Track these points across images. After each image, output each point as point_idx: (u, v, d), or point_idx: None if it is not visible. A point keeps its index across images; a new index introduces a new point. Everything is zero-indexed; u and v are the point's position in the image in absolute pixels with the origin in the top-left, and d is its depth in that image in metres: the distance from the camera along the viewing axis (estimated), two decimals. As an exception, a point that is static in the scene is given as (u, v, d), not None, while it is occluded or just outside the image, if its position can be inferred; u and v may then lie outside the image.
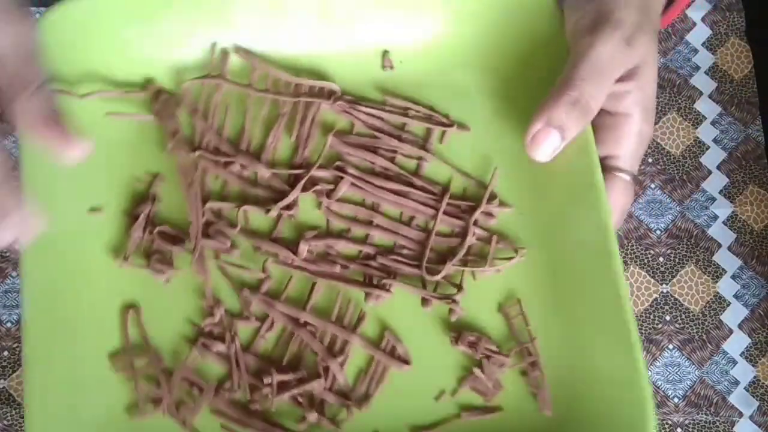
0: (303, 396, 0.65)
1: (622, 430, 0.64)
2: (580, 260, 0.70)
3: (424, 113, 0.77)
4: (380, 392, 0.67)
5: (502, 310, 0.70)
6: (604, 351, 0.66)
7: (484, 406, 0.67)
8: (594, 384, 0.67)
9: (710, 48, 0.92)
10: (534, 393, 0.68)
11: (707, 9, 0.94)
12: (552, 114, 0.68)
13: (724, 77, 0.91)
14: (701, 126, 0.90)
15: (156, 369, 0.67)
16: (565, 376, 0.68)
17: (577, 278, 0.70)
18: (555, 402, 0.67)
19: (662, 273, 0.85)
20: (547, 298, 0.71)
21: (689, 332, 0.84)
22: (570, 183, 0.71)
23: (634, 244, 0.86)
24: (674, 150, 0.89)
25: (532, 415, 0.67)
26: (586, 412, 0.66)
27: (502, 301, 0.71)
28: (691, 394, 0.82)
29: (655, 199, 0.87)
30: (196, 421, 0.65)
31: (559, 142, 0.69)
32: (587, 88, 0.68)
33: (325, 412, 0.65)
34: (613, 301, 0.66)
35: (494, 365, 0.67)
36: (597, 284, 0.68)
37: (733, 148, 0.89)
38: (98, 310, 0.68)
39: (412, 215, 0.74)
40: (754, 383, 0.83)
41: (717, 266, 0.86)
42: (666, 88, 0.91)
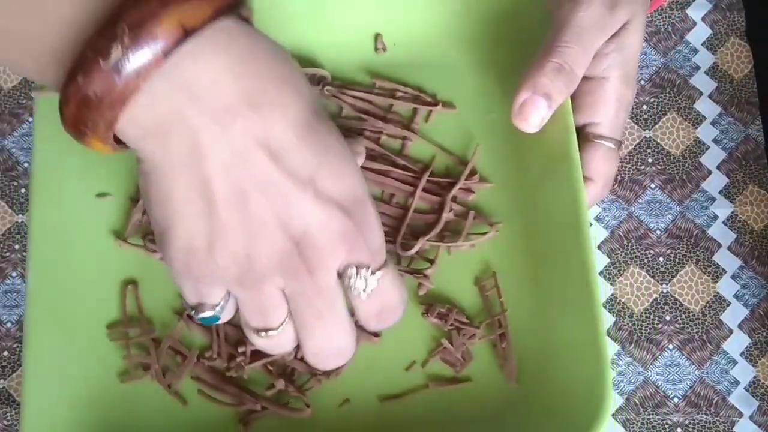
0: (273, 365, 0.68)
1: (581, 403, 0.65)
2: (552, 234, 0.71)
3: (411, 94, 0.78)
4: (350, 364, 0.67)
5: (478, 283, 0.71)
6: (569, 326, 0.68)
7: (453, 377, 0.69)
8: (559, 357, 0.68)
9: (710, 48, 0.92)
10: (501, 364, 0.69)
11: (707, 9, 0.94)
12: (538, 81, 0.68)
13: (724, 77, 0.91)
14: (701, 126, 0.90)
15: (147, 338, 0.72)
16: (533, 349, 0.69)
17: (550, 252, 0.71)
18: (521, 373, 0.69)
19: (662, 273, 0.85)
20: (522, 271, 0.72)
21: (689, 332, 0.84)
22: (546, 155, 0.72)
23: (634, 244, 0.86)
24: (674, 150, 0.89)
25: (499, 386, 0.69)
26: (549, 384, 0.68)
27: (478, 274, 0.72)
28: (691, 394, 0.82)
29: (655, 199, 0.87)
30: (180, 385, 0.70)
31: (546, 110, 0.69)
32: (570, 53, 0.68)
33: (294, 381, 0.68)
34: (581, 277, 0.67)
35: (464, 336, 0.68)
36: (567, 259, 0.69)
37: (733, 148, 0.89)
38: (99, 285, 0.73)
39: (393, 193, 0.74)
40: (754, 383, 0.83)
41: (717, 266, 0.86)
42: (666, 88, 0.91)
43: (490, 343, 0.70)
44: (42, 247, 0.72)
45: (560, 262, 0.70)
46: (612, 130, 0.73)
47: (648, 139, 0.89)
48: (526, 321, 0.70)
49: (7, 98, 0.91)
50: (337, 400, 0.69)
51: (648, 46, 0.92)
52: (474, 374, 0.69)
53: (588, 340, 0.65)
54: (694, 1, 0.94)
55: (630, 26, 0.72)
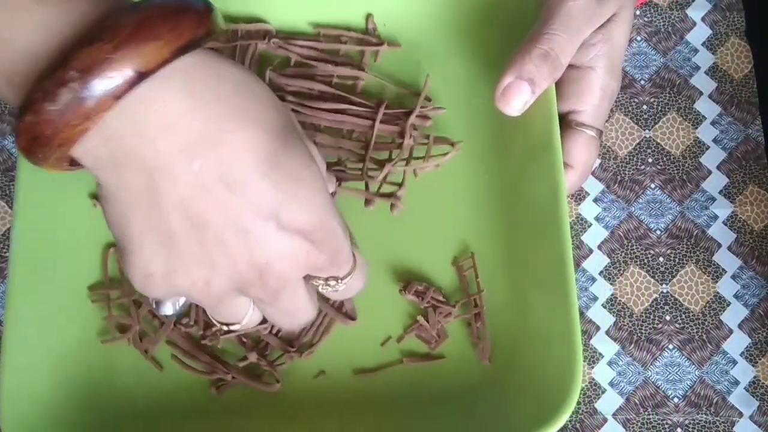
0: (248, 337, 0.69)
1: (552, 384, 0.66)
2: (531, 218, 0.72)
3: (356, 38, 0.79)
4: (325, 341, 0.70)
5: (456, 263, 0.72)
6: (544, 308, 0.69)
7: (427, 354, 0.70)
8: (532, 339, 0.69)
9: (710, 48, 0.92)
10: (474, 343, 0.70)
11: (707, 9, 0.94)
12: (523, 67, 0.69)
13: (724, 77, 0.91)
14: (701, 126, 0.90)
15: (128, 300, 0.72)
16: (507, 329, 0.70)
17: (528, 236, 0.71)
18: (494, 353, 0.70)
19: (662, 273, 0.85)
20: (500, 253, 0.73)
21: (689, 332, 0.84)
22: (530, 141, 0.72)
23: (634, 244, 0.86)
24: (674, 150, 0.89)
25: (472, 364, 0.70)
26: (522, 365, 0.69)
27: (457, 254, 0.72)
28: (691, 394, 0.82)
29: (655, 199, 0.87)
30: (156, 350, 0.71)
31: (529, 95, 0.69)
32: (558, 41, 0.69)
33: (267, 355, 0.69)
34: (557, 262, 0.68)
35: (440, 315, 0.69)
36: (544, 244, 0.70)
37: (733, 148, 0.89)
38: (82, 247, 0.74)
39: (352, 129, 0.75)
40: (754, 383, 0.83)
41: (717, 266, 0.86)
42: (666, 88, 0.91)
43: (465, 322, 0.71)
44: (26, 209, 0.72)
45: (538, 246, 0.70)
46: (594, 118, 0.74)
47: (648, 139, 0.89)
48: (502, 302, 0.71)
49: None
50: (312, 372, 0.70)
51: (648, 46, 0.92)
52: (448, 352, 0.70)
53: (561, 323, 0.66)
54: (694, 1, 0.94)
55: (617, 18, 0.73)
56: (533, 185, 0.72)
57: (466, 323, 0.71)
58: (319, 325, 0.70)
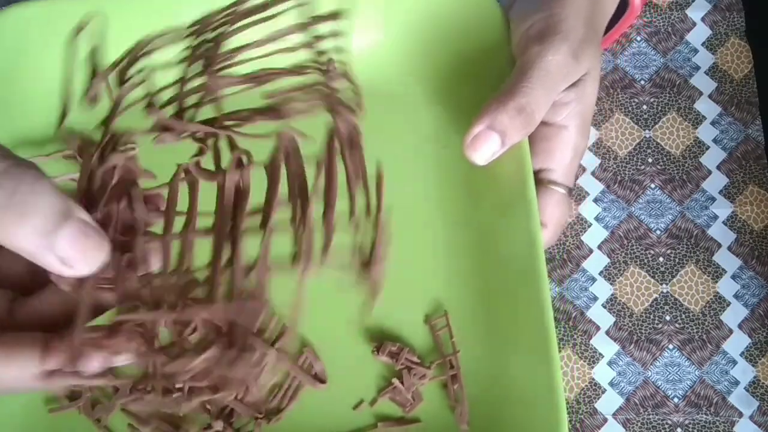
0: (213, 404, 0.64)
1: None
2: (507, 274, 0.69)
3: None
4: (296, 402, 0.66)
5: (428, 321, 0.69)
6: (524, 368, 0.66)
7: (402, 417, 0.67)
8: (512, 401, 0.66)
9: (710, 48, 0.92)
10: (452, 406, 0.67)
11: (707, 9, 0.94)
12: (496, 118, 0.67)
13: (724, 77, 0.91)
14: (701, 126, 0.90)
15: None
16: (485, 391, 0.67)
17: (504, 293, 0.69)
18: (472, 416, 0.67)
19: (662, 273, 0.85)
20: (475, 311, 0.70)
21: (689, 332, 0.84)
22: (503, 194, 0.70)
23: (634, 244, 0.86)
24: (674, 150, 0.89)
25: (450, 429, 0.67)
26: (502, 428, 0.66)
27: (429, 312, 0.70)
28: (691, 394, 0.82)
29: (655, 199, 0.87)
30: (109, 420, 0.65)
31: (498, 146, 0.68)
32: (534, 96, 0.68)
33: (233, 423, 0.65)
34: (537, 319, 0.65)
35: (415, 377, 0.67)
36: (522, 301, 0.67)
37: (733, 148, 0.89)
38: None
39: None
40: (754, 383, 0.83)
41: (717, 266, 0.86)
42: (666, 88, 0.91)
43: (441, 383, 0.69)
44: None
45: (515, 302, 0.68)
46: (565, 177, 0.73)
47: (648, 139, 0.89)
48: (479, 362, 0.68)
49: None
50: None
51: (648, 46, 0.92)
52: (424, 416, 0.68)
53: (543, 384, 0.64)
54: (694, 2, 0.94)
55: (588, 76, 0.72)
56: (508, 241, 0.70)
57: (442, 384, 0.69)
58: (287, 389, 0.67)
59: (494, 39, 0.73)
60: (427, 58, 0.77)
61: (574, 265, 0.86)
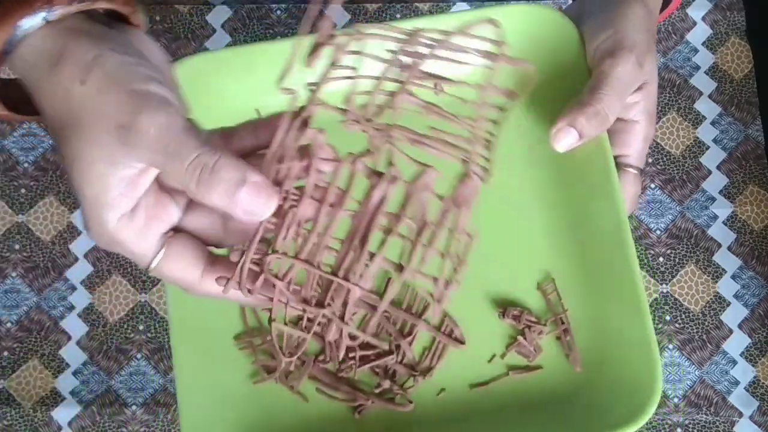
0: (379, 367, 0.79)
1: (637, 384, 0.74)
2: (600, 245, 0.79)
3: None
4: (443, 360, 0.79)
5: (540, 288, 0.81)
6: (621, 319, 0.77)
7: (527, 366, 0.79)
8: (614, 345, 0.77)
9: (710, 48, 0.92)
10: (567, 354, 0.79)
11: (707, 8, 0.94)
12: (576, 119, 0.77)
13: (724, 77, 0.91)
14: (701, 126, 0.90)
15: (270, 345, 0.80)
16: (592, 339, 0.78)
17: (599, 260, 0.79)
18: (583, 360, 0.78)
19: (662, 273, 0.85)
20: (576, 276, 0.80)
21: (689, 332, 0.84)
22: (590, 180, 0.80)
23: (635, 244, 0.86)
24: (674, 150, 0.89)
25: (566, 372, 0.78)
26: (609, 369, 0.77)
27: (540, 281, 0.81)
28: (691, 394, 0.83)
29: (655, 199, 0.87)
30: (300, 385, 0.79)
31: (576, 140, 0.78)
32: (607, 102, 0.78)
33: (396, 380, 0.79)
34: (628, 279, 0.76)
35: (534, 333, 0.79)
36: (615, 265, 0.78)
37: (733, 148, 0.89)
38: (223, 304, 0.75)
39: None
40: (754, 383, 0.83)
41: (717, 266, 0.86)
42: (666, 88, 0.91)
43: (555, 336, 0.80)
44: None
45: (610, 267, 0.78)
46: (638, 160, 0.82)
47: (648, 139, 0.89)
48: (584, 317, 0.79)
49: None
50: (435, 391, 0.79)
51: (648, 45, 0.92)
52: (545, 363, 0.79)
53: (637, 330, 0.74)
54: (694, 1, 0.94)
55: (651, 78, 0.81)
56: (599, 217, 0.80)
57: (556, 337, 0.80)
58: (434, 350, 0.79)
59: (573, 55, 0.83)
60: (522, 76, 0.84)
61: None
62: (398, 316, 0.80)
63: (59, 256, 0.87)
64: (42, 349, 0.85)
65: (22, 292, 0.86)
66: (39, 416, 0.83)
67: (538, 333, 0.79)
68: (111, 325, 0.85)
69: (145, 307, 0.86)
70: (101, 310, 0.86)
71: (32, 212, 0.88)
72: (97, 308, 0.86)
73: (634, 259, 0.76)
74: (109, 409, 0.83)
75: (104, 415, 0.83)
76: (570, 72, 0.83)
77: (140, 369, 0.84)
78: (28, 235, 0.87)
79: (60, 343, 0.85)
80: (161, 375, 0.84)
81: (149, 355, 0.85)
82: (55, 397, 0.84)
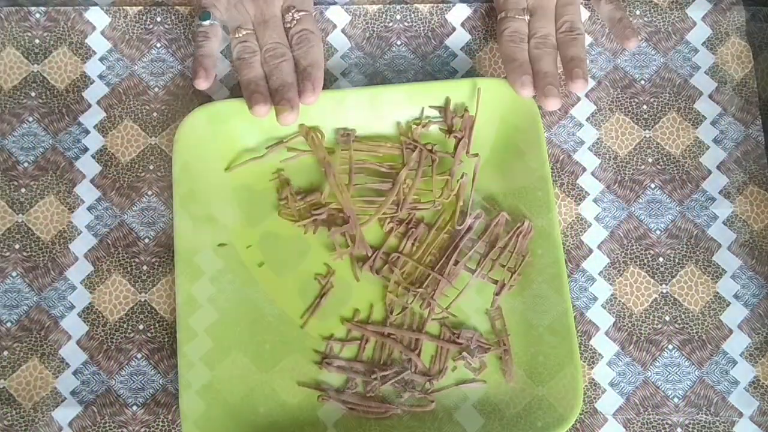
0: (398, 382, 0.87)
1: (562, 397, 0.82)
2: (539, 280, 0.87)
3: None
4: (449, 363, 0.88)
5: (488, 313, 0.88)
6: (551, 344, 0.84)
7: (472, 379, 0.87)
8: (544, 365, 0.84)
9: (710, 47, 0.92)
10: (504, 370, 0.86)
11: (707, 8, 0.94)
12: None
13: (724, 77, 0.91)
14: (701, 126, 0.90)
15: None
16: (527, 360, 0.86)
17: (538, 293, 0.87)
18: (517, 376, 0.86)
19: (662, 273, 0.85)
20: (517, 307, 0.88)
21: (689, 332, 0.84)
22: (537, 226, 0.88)
23: (634, 244, 0.86)
24: (674, 150, 0.89)
25: (503, 385, 0.86)
26: (538, 383, 0.84)
27: (488, 308, 0.89)
28: (690, 394, 0.82)
29: (654, 199, 0.87)
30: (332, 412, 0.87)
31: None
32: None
33: (415, 387, 0.87)
34: (559, 310, 0.84)
35: (480, 350, 0.87)
36: (550, 298, 0.85)
37: (733, 148, 0.89)
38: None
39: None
40: (754, 383, 0.83)
41: (717, 266, 0.86)
42: (666, 88, 0.91)
43: (497, 355, 0.87)
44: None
45: (546, 299, 0.86)
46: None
47: (648, 139, 0.89)
48: (520, 341, 0.87)
49: (7, 98, 0.91)
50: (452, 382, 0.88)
51: (648, 45, 0.92)
52: (487, 377, 0.87)
53: (565, 356, 0.83)
54: (694, 1, 0.94)
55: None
56: (541, 258, 0.86)
57: (498, 357, 0.87)
58: (440, 355, 0.88)
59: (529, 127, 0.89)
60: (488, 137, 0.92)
61: (573, 265, 0.86)
62: (403, 336, 0.88)
63: (59, 256, 0.87)
64: (42, 349, 0.84)
65: (22, 291, 0.86)
66: (39, 416, 0.83)
67: (484, 351, 0.87)
68: (111, 324, 0.85)
69: (145, 306, 0.85)
70: (101, 309, 0.85)
71: (32, 212, 0.88)
72: (97, 308, 0.85)
73: (566, 293, 0.84)
74: (110, 410, 0.83)
75: (105, 416, 0.83)
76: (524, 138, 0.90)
77: (140, 369, 0.84)
78: (28, 234, 0.87)
79: (60, 343, 0.85)
80: (161, 375, 0.84)
81: (149, 355, 0.84)
82: (56, 397, 0.83)
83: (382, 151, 0.92)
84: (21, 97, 0.91)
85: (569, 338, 0.82)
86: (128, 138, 0.90)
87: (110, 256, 0.87)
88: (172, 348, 0.84)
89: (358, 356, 0.87)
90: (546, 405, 0.83)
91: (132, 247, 0.87)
